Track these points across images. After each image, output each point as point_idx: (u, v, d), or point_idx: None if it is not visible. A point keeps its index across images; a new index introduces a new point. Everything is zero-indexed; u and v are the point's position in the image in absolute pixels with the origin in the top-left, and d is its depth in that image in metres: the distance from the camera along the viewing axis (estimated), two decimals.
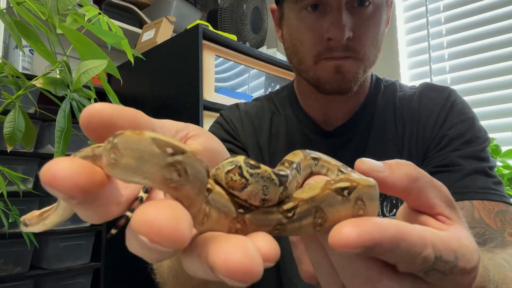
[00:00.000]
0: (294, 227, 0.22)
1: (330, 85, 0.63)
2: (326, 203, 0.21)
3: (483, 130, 0.64)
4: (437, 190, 0.25)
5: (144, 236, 0.15)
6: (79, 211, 0.20)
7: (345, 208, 0.21)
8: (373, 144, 0.68)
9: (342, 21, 0.59)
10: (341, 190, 0.21)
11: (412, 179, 0.24)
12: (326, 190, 0.21)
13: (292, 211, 0.21)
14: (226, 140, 0.76)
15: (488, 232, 0.54)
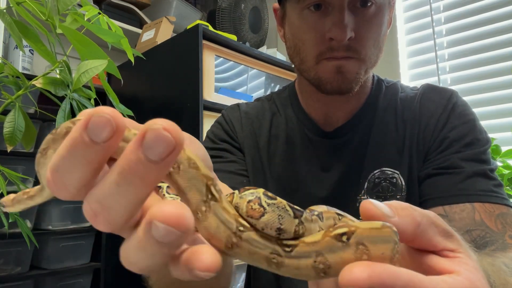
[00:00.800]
0: (292, 263, 0.22)
1: (331, 85, 0.63)
2: (327, 249, 0.22)
3: (484, 132, 0.64)
4: (434, 226, 0.25)
5: (158, 221, 0.18)
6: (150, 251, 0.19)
7: (347, 254, 0.21)
8: (374, 145, 0.68)
9: (344, 21, 0.59)
10: (340, 236, 0.21)
11: (417, 224, 0.24)
12: (326, 237, 0.22)
13: (290, 247, 0.22)
14: (224, 140, 0.76)
15: (489, 235, 0.53)
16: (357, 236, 0.21)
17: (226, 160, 0.74)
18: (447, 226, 0.26)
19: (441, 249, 0.25)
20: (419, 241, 0.25)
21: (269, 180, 0.73)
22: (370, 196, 0.66)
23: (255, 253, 0.22)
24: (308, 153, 0.72)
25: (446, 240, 0.25)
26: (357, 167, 0.68)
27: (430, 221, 0.25)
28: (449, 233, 0.25)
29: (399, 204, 0.25)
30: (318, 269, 0.22)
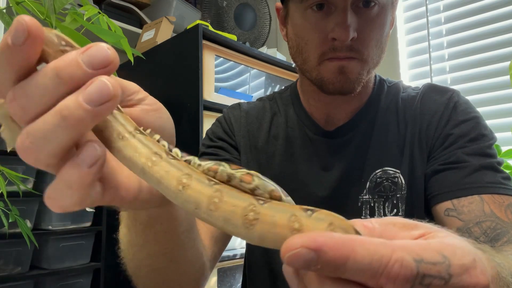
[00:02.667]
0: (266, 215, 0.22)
1: (333, 86, 0.63)
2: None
3: (489, 128, 0.64)
4: (392, 225, 0.25)
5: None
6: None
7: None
8: (375, 145, 0.68)
9: (347, 21, 0.59)
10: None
11: (369, 229, 0.24)
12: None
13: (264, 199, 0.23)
14: (221, 138, 0.77)
15: (500, 226, 0.53)
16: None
17: (220, 158, 0.75)
18: (409, 221, 0.25)
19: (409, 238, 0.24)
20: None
21: None
22: (372, 195, 0.66)
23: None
24: (308, 152, 0.72)
25: (412, 230, 0.24)
26: (358, 167, 0.68)
27: (386, 222, 0.25)
28: (412, 225, 0.24)
29: (353, 221, 0.25)
30: (293, 228, 0.22)
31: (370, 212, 0.66)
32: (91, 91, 0.22)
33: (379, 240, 0.20)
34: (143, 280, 0.49)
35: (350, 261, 0.19)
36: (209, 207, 0.23)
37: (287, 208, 0.23)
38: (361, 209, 0.67)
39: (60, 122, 0.22)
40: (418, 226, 0.24)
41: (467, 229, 0.55)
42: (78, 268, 1.54)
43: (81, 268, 1.55)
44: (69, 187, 0.24)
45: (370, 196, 0.67)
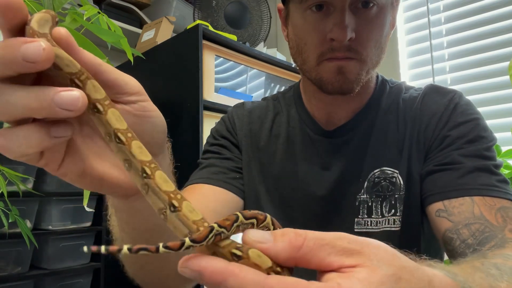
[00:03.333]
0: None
1: (332, 86, 0.63)
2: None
3: (489, 130, 0.64)
4: (330, 247, 0.25)
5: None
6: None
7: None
8: (374, 145, 0.68)
9: (345, 22, 0.59)
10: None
11: (295, 247, 0.25)
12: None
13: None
14: (223, 136, 0.78)
15: (488, 229, 0.53)
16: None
17: (222, 156, 0.75)
18: (353, 244, 0.26)
19: (338, 267, 0.25)
20: (307, 263, 0.25)
21: (269, 179, 0.73)
22: (370, 195, 0.66)
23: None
24: (308, 152, 0.72)
25: (346, 257, 0.25)
26: (357, 166, 0.68)
27: (322, 243, 0.25)
28: (353, 251, 0.25)
29: (284, 230, 0.27)
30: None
31: (368, 211, 0.66)
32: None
33: (252, 276, 0.23)
34: (125, 265, 0.52)
35: (221, 285, 0.23)
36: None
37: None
38: (359, 209, 0.67)
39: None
40: (361, 253, 0.25)
41: (456, 231, 0.55)
42: (78, 268, 1.54)
43: (81, 268, 1.55)
44: (30, 146, 0.27)
45: (367, 196, 0.67)
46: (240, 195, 0.73)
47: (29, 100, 0.26)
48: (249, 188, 0.74)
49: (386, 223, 0.65)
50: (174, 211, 0.27)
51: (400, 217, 0.65)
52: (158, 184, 0.27)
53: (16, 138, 0.27)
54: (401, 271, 0.25)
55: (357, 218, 0.67)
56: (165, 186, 0.27)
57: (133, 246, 0.24)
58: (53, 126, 0.28)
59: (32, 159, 0.29)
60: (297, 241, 0.25)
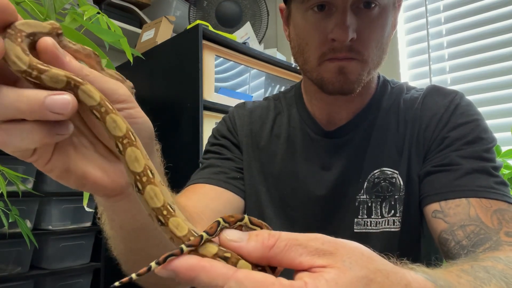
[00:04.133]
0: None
1: (333, 86, 0.63)
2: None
3: (490, 131, 0.63)
4: (302, 247, 0.26)
5: None
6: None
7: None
8: (374, 145, 0.68)
9: (346, 22, 0.59)
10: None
11: (267, 247, 0.26)
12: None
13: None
14: (224, 136, 0.78)
15: (483, 231, 0.52)
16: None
17: (222, 157, 0.76)
18: (327, 245, 0.26)
19: (309, 266, 0.25)
20: (278, 262, 0.26)
21: (269, 179, 0.74)
22: (369, 195, 0.66)
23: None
24: (308, 152, 0.72)
25: (318, 258, 0.25)
26: (357, 167, 0.68)
27: (294, 243, 0.26)
28: (325, 251, 0.26)
29: (257, 231, 0.28)
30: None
31: (367, 212, 0.66)
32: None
33: (221, 270, 0.25)
34: (120, 263, 0.53)
35: (195, 281, 0.25)
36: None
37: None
38: (358, 209, 0.67)
39: None
40: (334, 254, 0.26)
41: (451, 232, 0.55)
42: (78, 268, 1.54)
43: (81, 268, 1.55)
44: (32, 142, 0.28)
45: (367, 196, 0.67)
46: (241, 195, 0.73)
47: (20, 103, 0.26)
48: (250, 188, 0.74)
49: (385, 224, 0.65)
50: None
51: (400, 217, 0.65)
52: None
53: (20, 133, 0.27)
54: (374, 274, 0.25)
55: (356, 219, 0.67)
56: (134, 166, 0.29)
57: (159, 258, 0.26)
58: (56, 123, 0.28)
59: (25, 155, 0.30)
60: (269, 241, 0.26)
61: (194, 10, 1.94)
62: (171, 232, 0.27)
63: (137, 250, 0.47)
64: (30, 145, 0.28)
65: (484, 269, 0.37)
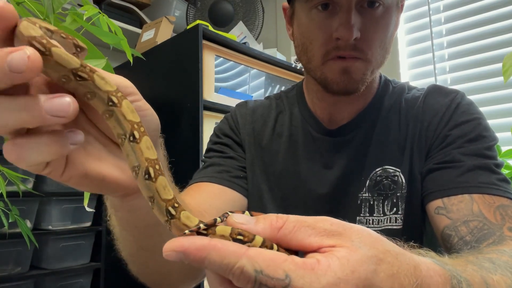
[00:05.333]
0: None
1: (337, 85, 0.64)
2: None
3: (491, 130, 0.64)
4: (310, 228, 0.26)
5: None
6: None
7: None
8: (376, 144, 0.69)
9: (351, 21, 0.59)
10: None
11: (275, 228, 0.26)
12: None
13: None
14: (227, 135, 0.78)
15: (487, 227, 0.53)
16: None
17: (225, 155, 0.76)
18: (335, 226, 0.26)
19: (318, 247, 0.26)
20: (287, 243, 0.26)
21: (271, 178, 0.74)
22: (372, 193, 0.67)
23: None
24: (310, 150, 0.72)
25: (327, 238, 0.26)
26: (359, 165, 0.68)
27: (303, 224, 0.26)
28: (334, 232, 0.26)
29: (264, 215, 0.28)
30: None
31: (370, 210, 0.67)
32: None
33: (233, 248, 0.24)
34: (128, 263, 0.53)
35: (206, 261, 0.24)
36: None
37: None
38: (361, 207, 0.67)
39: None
40: (342, 234, 0.26)
41: (454, 228, 0.55)
42: (78, 268, 1.54)
43: (81, 268, 1.55)
44: (49, 153, 0.27)
45: (369, 194, 0.67)
46: (244, 194, 0.73)
47: (19, 113, 0.25)
48: (253, 186, 0.74)
49: (387, 221, 0.66)
50: (133, 141, 0.28)
51: (402, 215, 0.65)
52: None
53: (37, 147, 0.26)
54: (384, 254, 0.26)
55: (359, 217, 0.67)
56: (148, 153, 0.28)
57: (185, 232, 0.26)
58: (69, 133, 0.28)
59: (39, 168, 0.29)
60: (277, 223, 0.27)
61: (193, 10, 1.94)
62: (182, 222, 0.27)
63: (149, 247, 0.47)
64: (45, 159, 0.27)
65: (489, 260, 0.38)
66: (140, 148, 0.28)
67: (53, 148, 0.27)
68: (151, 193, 0.28)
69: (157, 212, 0.28)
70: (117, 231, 0.47)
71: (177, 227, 0.27)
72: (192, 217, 0.27)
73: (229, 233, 0.26)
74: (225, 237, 0.26)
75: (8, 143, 0.26)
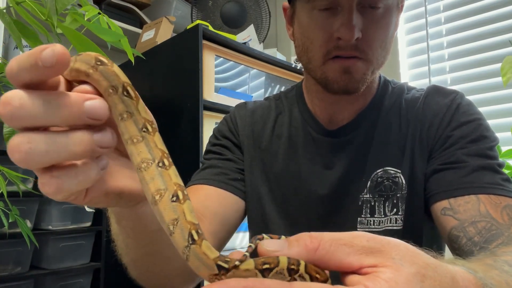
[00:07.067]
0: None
1: (338, 85, 0.64)
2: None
3: (491, 130, 0.64)
4: (348, 246, 0.25)
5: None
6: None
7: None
8: (377, 145, 0.68)
9: (353, 21, 0.59)
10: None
11: (311, 250, 0.25)
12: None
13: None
14: (225, 137, 0.78)
15: (495, 227, 0.53)
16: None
17: (223, 157, 0.76)
18: (372, 242, 0.25)
19: (359, 267, 0.24)
20: (326, 264, 0.25)
21: (271, 179, 0.74)
22: (373, 195, 0.67)
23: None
24: (310, 151, 0.72)
25: (367, 256, 0.24)
26: (360, 166, 0.68)
27: (339, 243, 0.25)
28: (372, 249, 0.25)
29: (296, 236, 0.26)
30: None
31: (371, 211, 0.66)
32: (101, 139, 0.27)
33: (275, 285, 0.23)
34: (129, 268, 0.53)
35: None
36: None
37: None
38: (362, 208, 0.67)
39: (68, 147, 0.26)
40: (381, 251, 0.25)
41: (462, 228, 0.55)
42: (78, 268, 1.54)
43: (81, 268, 1.55)
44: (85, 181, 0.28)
45: (370, 195, 0.67)
46: (241, 197, 0.73)
47: (60, 109, 0.26)
48: (251, 188, 0.74)
49: (388, 222, 0.66)
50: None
51: (402, 216, 0.65)
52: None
53: (75, 175, 0.27)
54: (425, 269, 0.25)
55: (360, 218, 0.67)
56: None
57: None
58: (99, 159, 0.29)
59: (71, 196, 0.29)
60: (312, 244, 0.25)
61: (195, 11, 1.94)
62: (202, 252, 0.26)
63: (153, 252, 0.47)
64: (83, 186, 0.28)
65: (506, 262, 0.37)
66: (169, 174, 0.29)
67: (88, 175, 0.27)
68: (176, 215, 0.27)
69: (178, 236, 0.27)
70: (120, 239, 0.48)
71: (195, 255, 0.26)
72: (213, 249, 0.26)
73: (254, 266, 0.24)
74: (251, 271, 0.25)
75: (45, 176, 0.26)
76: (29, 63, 0.24)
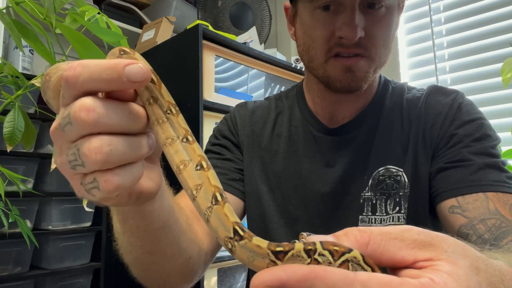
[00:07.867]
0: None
1: (340, 83, 0.64)
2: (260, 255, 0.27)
3: (493, 129, 0.65)
4: (399, 240, 0.24)
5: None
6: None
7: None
8: (378, 143, 0.69)
9: (355, 21, 0.60)
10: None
11: (363, 244, 0.24)
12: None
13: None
14: (225, 137, 0.79)
15: (505, 224, 0.53)
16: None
17: (222, 157, 0.76)
18: (422, 236, 0.24)
19: (413, 261, 0.24)
20: (378, 259, 0.24)
21: (271, 178, 0.74)
22: (374, 193, 0.67)
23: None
24: (311, 149, 0.72)
25: (420, 250, 0.24)
26: (361, 164, 0.68)
27: (390, 237, 0.24)
28: (424, 243, 0.24)
29: (345, 230, 0.26)
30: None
31: (372, 209, 0.67)
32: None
33: (339, 275, 0.22)
34: (131, 266, 0.54)
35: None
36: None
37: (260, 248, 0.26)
38: (363, 206, 0.67)
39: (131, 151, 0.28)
40: (433, 245, 0.24)
41: (472, 226, 0.55)
42: (78, 268, 1.54)
43: (81, 268, 1.55)
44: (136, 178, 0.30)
45: (372, 194, 0.67)
46: (240, 197, 0.73)
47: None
48: (251, 188, 0.74)
49: (390, 220, 0.66)
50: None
51: (405, 214, 0.65)
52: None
53: (130, 172, 0.29)
54: (477, 262, 0.25)
55: (361, 216, 0.67)
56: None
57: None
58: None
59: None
60: (363, 238, 0.25)
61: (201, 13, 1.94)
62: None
63: (155, 251, 0.48)
64: (136, 182, 0.30)
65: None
66: (193, 148, 0.30)
67: (139, 172, 0.30)
68: (200, 180, 0.29)
69: (201, 199, 0.28)
70: (123, 238, 0.48)
71: (217, 215, 0.27)
72: (234, 214, 0.28)
73: (266, 245, 0.25)
74: (263, 249, 0.25)
75: (106, 175, 0.27)
76: (107, 75, 0.27)
